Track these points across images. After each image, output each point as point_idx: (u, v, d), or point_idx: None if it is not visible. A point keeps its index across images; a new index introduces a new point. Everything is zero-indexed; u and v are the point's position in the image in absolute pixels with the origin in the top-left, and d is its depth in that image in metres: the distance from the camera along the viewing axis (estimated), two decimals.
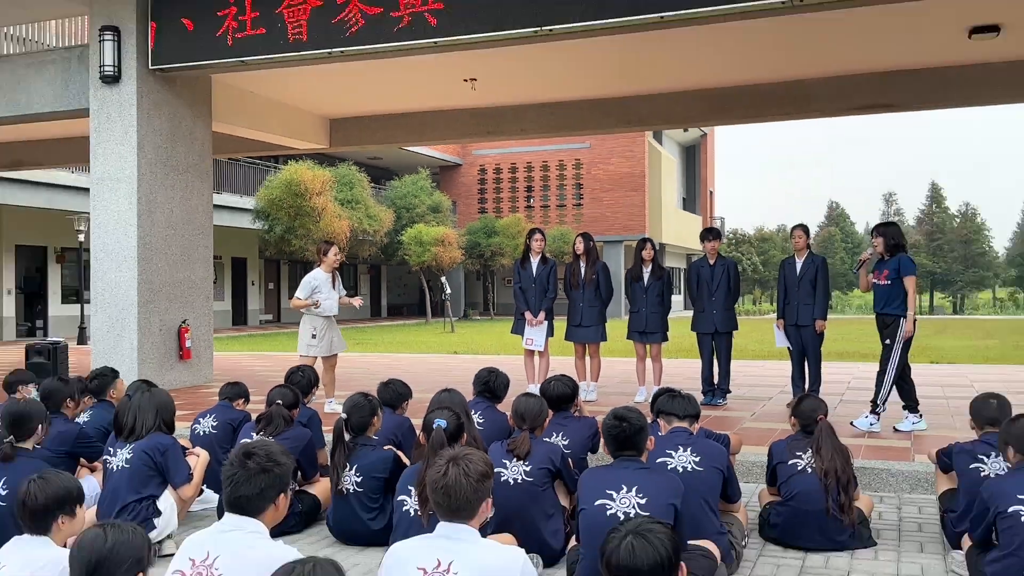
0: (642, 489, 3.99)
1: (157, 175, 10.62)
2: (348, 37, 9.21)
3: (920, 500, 6.03)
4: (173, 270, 10.88)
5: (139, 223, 10.34)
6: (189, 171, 11.16)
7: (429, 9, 8.82)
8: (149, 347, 10.49)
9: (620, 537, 2.48)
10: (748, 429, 7.73)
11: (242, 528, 3.07)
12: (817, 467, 4.96)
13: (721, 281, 9.13)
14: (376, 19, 9.06)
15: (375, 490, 5.06)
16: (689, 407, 4.98)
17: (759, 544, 5.09)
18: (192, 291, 11.24)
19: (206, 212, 11.50)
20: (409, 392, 6.16)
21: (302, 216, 25.10)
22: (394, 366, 13.87)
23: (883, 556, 4.88)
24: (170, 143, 10.82)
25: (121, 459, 5.02)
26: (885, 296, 7.61)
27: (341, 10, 9.21)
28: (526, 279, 9.60)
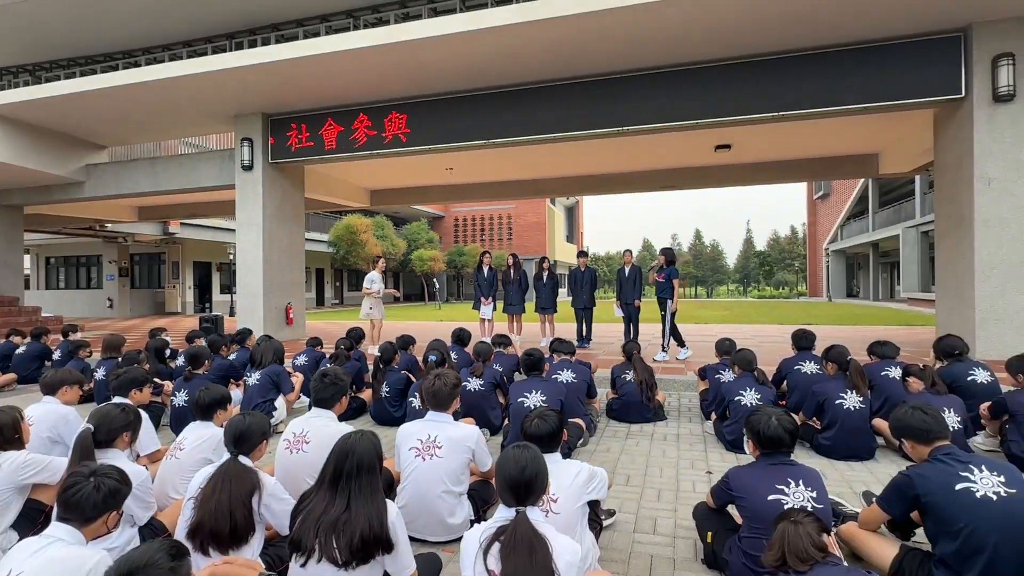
0: (543, 392, 4.03)
1: (274, 221, 10.31)
2: (358, 147, 9.13)
3: (690, 395, 6.12)
4: (282, 275, 10.58)
5: (263, 248, 10.07)
6: (291, 220, 10.85)
7: (402, 132, 8.82)
8: (270, 317, 10.20)
9: (531, 419, 2.53)
10: (601, 359, 7.79)
11: (322, 416, 3.05)
12: (635, 378, 5.07)
13: (588, 280, 9.22)
14: (374, 137, 9.04)
15: (397, 396, 5.01)
16: (569, 347, 5.02)
17: (606, 420, 5.15)
18: (293, 287, 10.93)
19: (301, 242, 11.23)
20: (413, 340, 6.11)
21: (355, 245, 24.62)
22: (408, 328, 13.68)
23: (670, 424, 4.98)
24: (280, 203, 10.50)
25: (254, 379, 4.92)
26: (661, 288, 7.77)
27: (352, 132, 9.13)
28: (481, 279, 9.56)
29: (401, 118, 8.97)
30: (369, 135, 9.15)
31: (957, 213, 6.93)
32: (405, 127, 8.91)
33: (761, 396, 4.14)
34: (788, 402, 4.73)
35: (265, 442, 2.54)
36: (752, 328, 13.07)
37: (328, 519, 2.02)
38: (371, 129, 9.13)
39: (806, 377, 4.63)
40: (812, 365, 4.71)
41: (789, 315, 19.30)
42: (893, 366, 4.40)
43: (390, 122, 9.04)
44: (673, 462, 4.02)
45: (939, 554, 2.18)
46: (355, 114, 9.22)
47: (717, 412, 4.54)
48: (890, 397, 4.23)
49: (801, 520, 1.86)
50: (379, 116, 9.12)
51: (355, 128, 9.24)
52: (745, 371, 4.41)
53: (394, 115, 9.01)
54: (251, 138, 10.04)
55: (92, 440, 2.65)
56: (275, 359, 5.05)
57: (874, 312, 20.89)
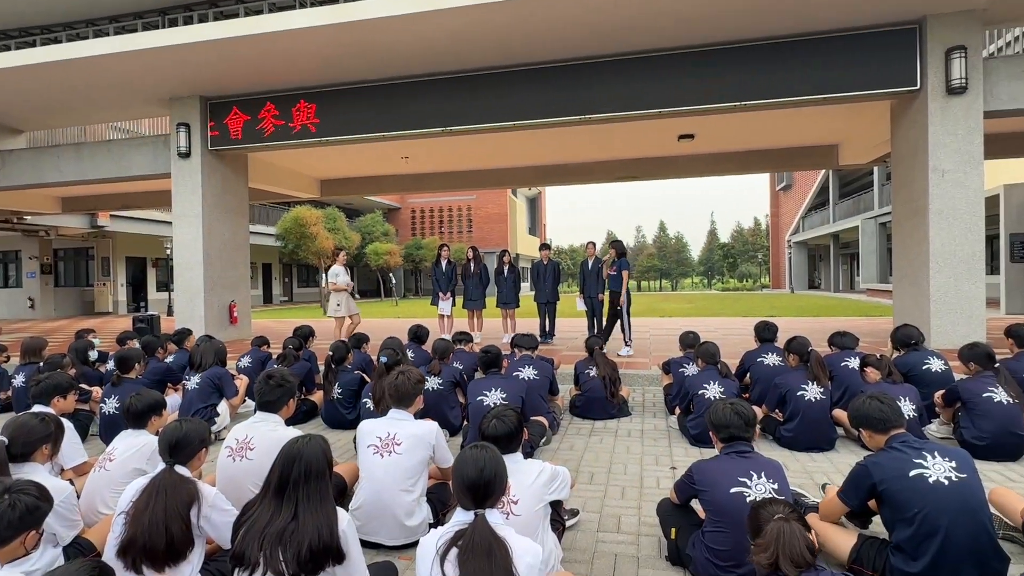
0: (504, 389, 4.03)
1: (214, 213, 9.97)
2: (300, 134, 8.95)
3: (654, 390, 6.25)
4: (225, 270, 10.26)
5: (203, 242, 9.74)
6: (234, 211, 10.51)
7: (350, 118, 8.75)
8: (211, 317, 9.90)
9: (489, 420, 2.53)
10: (565, 355, 7.86)
11: (267, 420, 2.97)
12: (598, 374, 5.13)
13: (550, 274, 9.27)
14: (321, 124, 8.91)
15: (350, 398, 4.93)
16: (531, 342, 5.04)
17: (569, 418, 5.20)
18: (237, 283, 10.61)
19: (245, 236, 10.90)
20: (367, 338, 6.03)
21: (304, 238, 23.97)
22: (363, 326, 13.43)
23: (635, 420, 5.07)
24: (221, 193, 10.15)
25: (193, 383, 4.77)
26: (614, 282, 7.91)
27: (295, 117, 8.86)
28: (439, 273, 9.51)
29: (347, 103, 8.77)
30: (314, 121, 8.92)
31: (913, 203, 7.30)
32: (352, 113, 8.72)
33: (724, 389, 4.25)
34: (751, 395, 4.87)
35: (205, 450, 2.49)
36: (716, 321, 13.45)
37: (273, 530, 1.96)
38: (316, 116, 8.90)
39: (768, 369, 4.77)
40: (774, 357, 4.86)
41: (752, 307, 19.96)
42: (852, 356, 4.58)
43: (336, 107, 8.84)
44: (637, 458, 4.09)
45: (895, 540, 2.28)
46: (297, 98, 8.97)
47: (681, 406, 4.64)
48: (849, 387, 4.40)
49: (788, 517, 1.82)
50: (327, 101, 8.89)
51: (297, 113, 8.98)
52: (709, 364, 4.52)
53: (340, 99, 8.80)
54: (188, 123, 9.63)
55: (6, 454, 2.50)
56: (217, 361, 4.90)
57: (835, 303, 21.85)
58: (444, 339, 5.10)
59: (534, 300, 9.52)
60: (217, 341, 5.13)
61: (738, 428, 2.51)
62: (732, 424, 2.51)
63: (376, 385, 3.93)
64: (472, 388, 4.13)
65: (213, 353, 4.91)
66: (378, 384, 3.90)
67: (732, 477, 2.38)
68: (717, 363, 4.50)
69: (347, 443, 4.55)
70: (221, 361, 4.98)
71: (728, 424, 2.52)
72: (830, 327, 9.67)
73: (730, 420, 2.52)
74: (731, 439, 2.53)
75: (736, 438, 2.52)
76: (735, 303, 23.53)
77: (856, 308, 18.56)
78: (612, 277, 7.87)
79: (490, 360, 4.26)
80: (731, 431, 2.51)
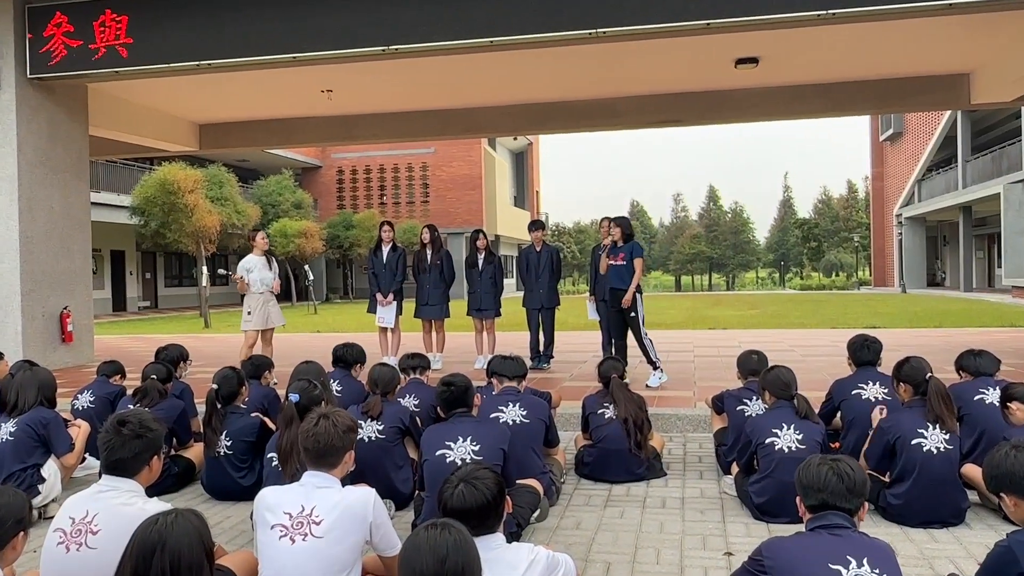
0: (476, 438, 4.03)
1: (37, 175, 9.92)
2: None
3: (700, 438, 6.31)
4: (54, 262, 10.24)
5: (20, 219, 9.68)
6: (68, 171, 10.48)
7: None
8: (33, 331, 9.89)
9: (453, 486, 2.53)
10: (567, 387, 7.93)
11: (118, 488, 2.95)
12: (617, 414, 5.14)
13: (545, 265, 9.31)
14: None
15: (244, 452, 4.90)
16: (517, 368, 5.06)
17: (575, 480, 5.21)
18: (73, 281, 10.61)
19: (84, 209, 10.86)
20: (270, 364, 5.98)
21: (175, 212, 23.72)
22: None
23: (672, 483, 5.10)
24: (49, 145, 10.11)
25: (5, 432, 4.72)
26: (620, 275, 7.93)
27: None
28: (378, 265, 9.51)
29: (232, 7, 8.68)
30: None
31: None
32: (243, 24, 8.62)
33: (804, 436, 4.29)
34: (844, 443, 4.93)
35: (23, 534, 2.46)
36: (791, 335, 13.60)
37: None
38: (187, 27, 8.81)
39: (869, 406, 4.83)
40: (877, 388, 4.92)
41: (845, 314, 20.23)
42: (991, 387, 4.64)
43: (219, 13, 8.75)
44: (676, 540, 4.11)
45: None
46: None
47: (740, 462, 4.67)
48: (987, 432, 4.46)
49: None
50: (204, 3, 8.81)
51: (155, 24, 8.87)
52: (781, 399, 4.56)
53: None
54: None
55: None
56: (41, 399, 4.86)
57: (965, 308, 22.26)
58: (386, 364, 5.06)
59: (523, 305, 9.58)
60: (42, 369, 5.06)
61: (838, 495, 2.53)
62: (829, 488, 2.53)
63: (284, 435, 3.90)
64: (429, 438, 4.12)
65: (36, 387, 4.87)
66: (287, 433, 3.87)
67: (820, 564, 2.39)
68: (793, 397, 4.54)
69: (240, 521, 4.52)
70: (48, 399, 4.93)
71: (823, 487, 2.54)
72: (958, 343, 9.84)
73: (827, 482, 2.54)
74: (823, 507, 2.55)
75: (831, 507, 2.55)
76: (819, 308, 23.86)
77: (996, 315, 18.91)
78: (616, 269, 7.92)
79: (454, 397, 4.25)
80: (825, 497, 2.54)
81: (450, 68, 10.50)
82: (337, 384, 5.69)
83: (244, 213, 29.08)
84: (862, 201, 71.80)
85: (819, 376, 8.15)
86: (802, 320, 18.42)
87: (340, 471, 3.05)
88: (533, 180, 55.35)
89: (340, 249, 37.85)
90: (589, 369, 9.07)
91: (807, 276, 68.82)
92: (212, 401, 4.99)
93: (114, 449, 2.96)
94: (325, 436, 3.01)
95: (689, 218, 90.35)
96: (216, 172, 28.67)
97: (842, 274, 68.70)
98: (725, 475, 5.09)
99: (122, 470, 2.96)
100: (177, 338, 15.58)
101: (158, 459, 3.05)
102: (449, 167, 41.38)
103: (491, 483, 2.54)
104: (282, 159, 38.13)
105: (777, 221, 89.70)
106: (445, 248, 9.73)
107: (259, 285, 8.69)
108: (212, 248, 25.26)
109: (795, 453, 4.19)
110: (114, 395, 5.88)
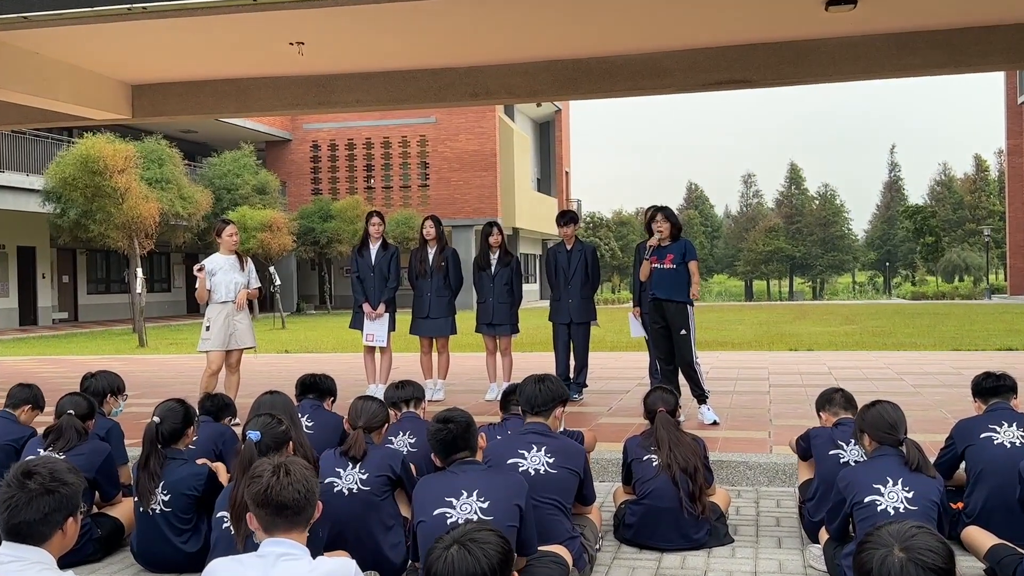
0: (483, 492, 4.00)
1: None
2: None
3: (778, 493, 6.27)
4: None
5: None
6: None
7: None
8: None
9: (443, 547, 2.54)
10: (604, 425, 7.91)
11: (23, 559, 2.96)
12: (665, 462, 5.11)
13: (578, 268, 9.29)
14: None
15: (186, 509, 4.88)
16: (552, 391, 4.88)
17: (614, 546, 5.19)
18: None
19: None
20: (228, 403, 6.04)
21: (101, 198, 23.86)
22: None
23: (740, 553, 5.05)
24: None
25: None
26: (670, 281, 7.94)
27: None
28: (364, 267, 9.53)
29: None
30: None
31: None
32: None
33: (915, 493, 4.24)
34: (968, 503, 4.87)
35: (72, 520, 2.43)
36: (899, 359, 13.50)
37: None
38: None
39: (1002, 455, 4.79)
40: (1015, 431, 4.89)
41: (972, 332, 20.01)
42: None
43: None
44: None
45: None
46: None
47: (832, 526, 4.63)
48: None
49: None
50: None
51: None
52: (884, 445, 4.52)
53: None
54: None
55: None
56: None
57: None
58: (371, 397, 5.05)
59: (549, 318, 9.57)
60: None
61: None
62: None
63: (239, 486, 3.90)
64: (424, 493, 4.11)
65: None
66: (243, 483, 3.88)
67: None
68: (901, 442, 4.50)
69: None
70: None
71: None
72: None
73: None
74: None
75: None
76: (937, 324, 23.66)
77: None
78: (663, 274, 7.90)
79: (451, 438, 4.22)
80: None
81: (452, 13, 10.51)
82: (308, 419, 5.71)
83: (191, 199, 29.28)
84: (994, 183, 71.29)
85: (936, 414, 8.07)
86: (914, 339, 18.28)
87: (303, 531, 3.06)
88: (561, 158, 55.38)
89: (316, 246, 38.02)
90: (633, 401, 9.04)
91: (920, 281, 68.41)
92: (152, 439, 5.00)
93: (17, 509, 2.96)
94: (284, 492, 3.02)
95: (764, 206, 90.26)
96: (155, 147, 28.92)
97: (968, 278, 68.20)
98: (812, 543, 5.06)
99: (27, 536, 2.97)
100: (104, 361, 15.73)
101: (74, 520, 3.05)
102: (454, 141, 41.53)
103: (493, 548, 2.52)
104: (241, 130, 38.42)
105: (880, 209, 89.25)
106: (450, 246, 9.74)
107: (223, 292, 8.69)
108: (149, 244, 25.46)
109: (904, 516, 4.13)
110: (21, 439, 5.82)
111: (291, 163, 43.02)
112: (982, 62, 12.07)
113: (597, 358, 12.43)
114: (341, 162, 42.89)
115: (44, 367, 14.89)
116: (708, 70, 12.35)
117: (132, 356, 17.80)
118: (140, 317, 22.28)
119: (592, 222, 75.46)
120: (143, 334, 21.95)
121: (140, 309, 22.46)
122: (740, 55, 12.21)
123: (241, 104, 14.15)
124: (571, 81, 12.84)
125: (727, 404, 9.01)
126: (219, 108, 14.40)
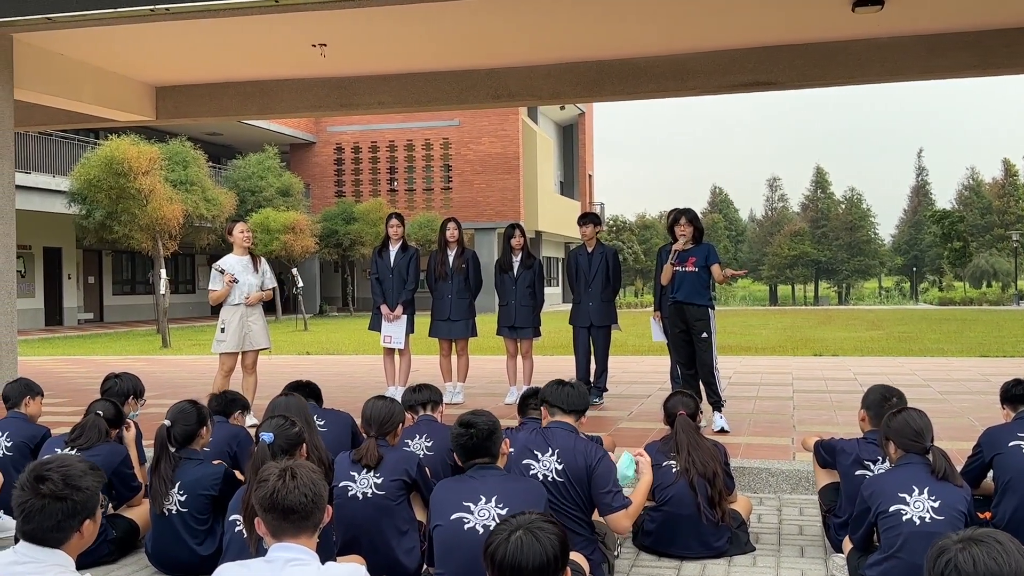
0: (502, 498, 3.98)
1: None
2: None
3: (801, 501, 6.23)
4: None
5: None
6: None
7: None
8: None
9: (509, 530, 2.52)
10: (623, 430, 7.87)
11: (41, 561, 2.93)
12: (683, 467, 5.08)
13: (599, 271, 9.26)
14: None
15: (202, 510, 4.89)
16: (569, 398, 4.80)
17: (633, 553, 5.17)
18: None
19: (6, 194, 10.97)
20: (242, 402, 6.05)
21: (125, 199, 24.08)
22: None
23: (761, 562, 5.02)
24: None
25: None
26: (692, 285, 7.89)
27: None
28: (383, 268, 9.54)
29: None
30: None
31: None
32: None
33: (941, 503, 4.19)
34: (996, 513, 4.83)
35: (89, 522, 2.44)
36: (926, 365, 13.37)
37: None
38: None
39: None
40: None
41: (1000, 339, 19.82)
42: None
43: None
44: None
45: None
46: None
47: (856, 535, 4.57)
48: None
49: None
50: None
51: None
52: (910, 452, 4.46)
53: None
54: None
55: None
56: None
57: None
58: (385, 397, 5.05)
59: (570, 321, 9.55)
60: None
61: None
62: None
63: (250, 489, 3.89)
64: (441, 497, 4.08)
65: None
66: (251, 488, 3.86)
67: None
68: (927, 451, 4.43)
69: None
70: None
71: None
72: None
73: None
74: None
75: None
76: (965, 330, 23.50)
77: None
78: (686, 277, 7.84)
79: (475, 443, 4.19)
80: None
81: (475, 14, 10.51)
82: (322, 421, 5.72)
83: (215, 201, 29.44)
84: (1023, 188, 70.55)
85: (964, 422, 8.00)
86: (941, 345, 18.13)
87: (312, 537, 3.05)
88: (585, 161, 55.39)
89: (338, 248, 38.16)
90: (653, 406, 9.00)
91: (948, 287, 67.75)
92: (163, 441, 5.01)
93: (31, 515, 2.94)
94: (291, 496, 3.00)
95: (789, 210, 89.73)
96: (179, 148, 29.10)
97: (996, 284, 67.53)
98: (835, 552, 5.01)
99: (43, 538, 2.95)
100: (127, 362, 15.83)
101: (92, 521, 3.02)
102: (477, 144, 41.59)
103: (556, 540, 2.53)
104: (265, 133, 38.61)
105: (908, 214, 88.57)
106: (471, 248, 9.73)
107: (237, 295, 8.71)
108: (173, 246, 25.66)
109: (929, 526, 4.10)
110: (39, 438, 5.88)
111: (315, 165, 43.21)
112: (1012, 64, 11.94)
113: (619, 362, 12.39)
114: (364, 164, 43.04)
115: (67, 367, 15.00)
116: (733, 72, 12.30)
117: (155, 357, 17.90)
118: (164, 318, 22.41)
119: (615, 225, 75.28)
120: (167, 335, 22.08)
121: (164, 310, 22.58)
122: (765, 57, 12.15)
123: (263, 106, 14.21)
124: (594, 83, 12.81)
125: (749, 409, 8.97)
126: (242, 110, 14.47)
